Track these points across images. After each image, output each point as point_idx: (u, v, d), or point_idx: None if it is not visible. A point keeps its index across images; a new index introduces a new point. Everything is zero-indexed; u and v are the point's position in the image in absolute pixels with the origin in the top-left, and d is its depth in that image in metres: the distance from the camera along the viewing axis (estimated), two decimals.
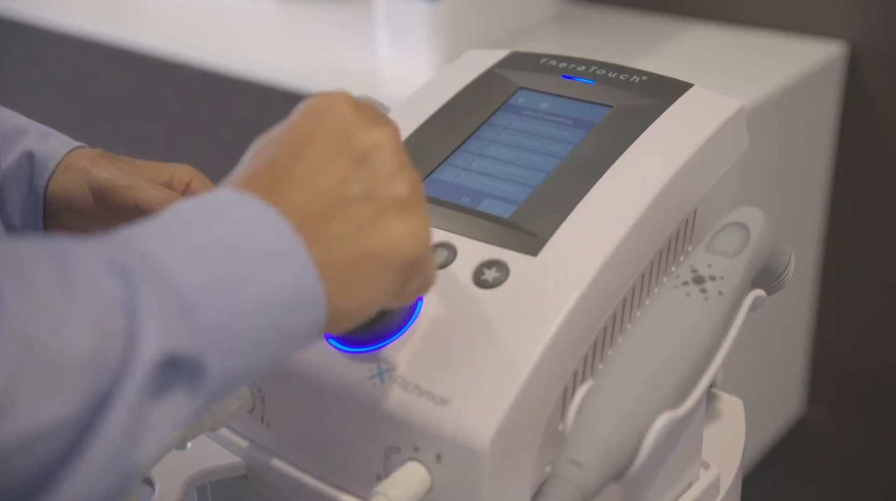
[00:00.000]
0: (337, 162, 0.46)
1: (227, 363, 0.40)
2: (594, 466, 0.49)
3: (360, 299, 0.46)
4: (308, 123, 0.47)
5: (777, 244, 0.58)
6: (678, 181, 0.60)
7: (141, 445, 0.37)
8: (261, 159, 0.47)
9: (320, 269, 0.43)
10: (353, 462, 0.56)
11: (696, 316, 0.53)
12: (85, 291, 0.37)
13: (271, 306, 0.41)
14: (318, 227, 0.44)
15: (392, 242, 0.46)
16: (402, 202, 0.47)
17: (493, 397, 0.52)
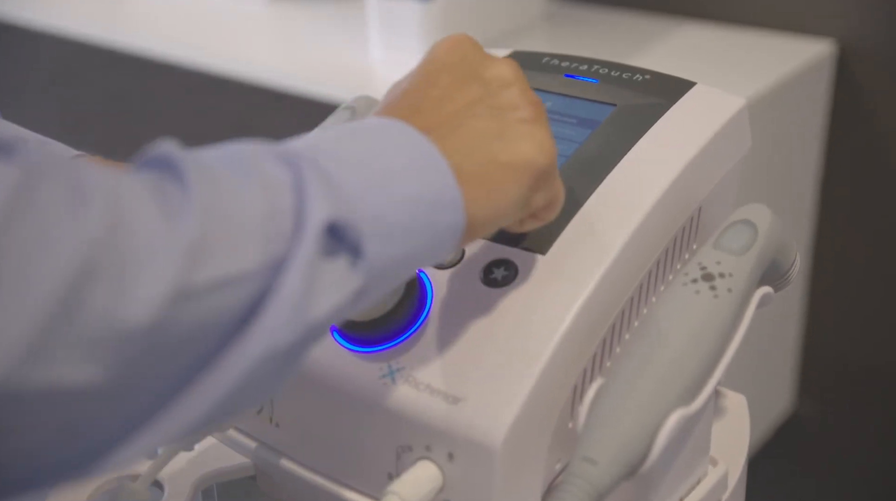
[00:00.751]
0: (465, 89, 0.52)
1: (382, 248, 0.45)
2: (609, 463, 0.49)
3: (494, 205, 0.49)
4: (437, 58, 0.54)
5: (784, 241, 0.58)
6: (684, 179, 0.60)
7: (316, 302, 0.42)
8: (395, 93, 0.53)
9: (455, 172, 0.48)
10: (363, 462, 0.56)
11: (706, 313, 0.53)
12: (257, 174, 0.42)
13: (418, 202, 0.46)
14: (450, 140, 0.49)
15: (520, 151, 0.50)
16: (527, 119, 0.52)
17: (505, 395, 0.52)
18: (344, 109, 0.73)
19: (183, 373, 0.40)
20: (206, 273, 0.39)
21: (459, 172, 0.48)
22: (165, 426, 0.39)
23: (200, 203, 0.40)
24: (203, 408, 0.40)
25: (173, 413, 0.39)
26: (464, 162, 0.49)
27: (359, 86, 1.37)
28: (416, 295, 0.56)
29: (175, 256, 0.38)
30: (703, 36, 1.47)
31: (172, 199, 0.40)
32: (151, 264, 0.38)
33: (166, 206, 0.39)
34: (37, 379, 0.35)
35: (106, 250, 0.37)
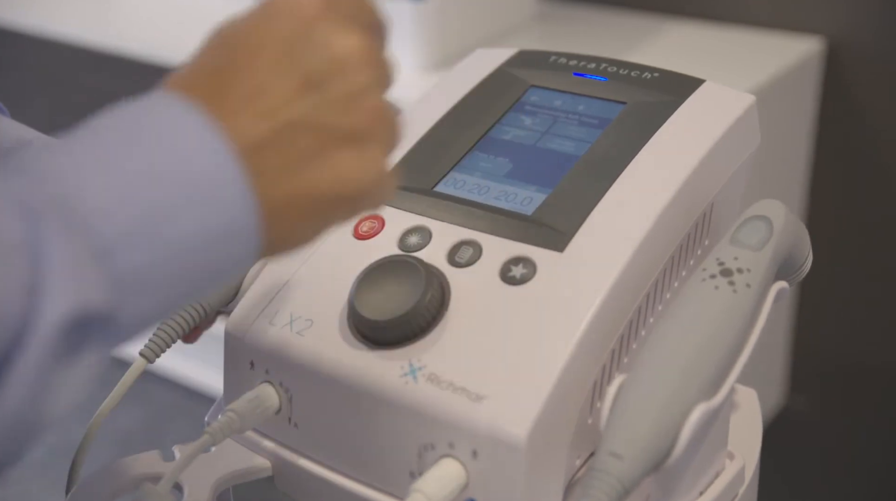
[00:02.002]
0: (290, 78, 0.41)
1: (142, 307, 0.37)
2: (634, 458, 0.49)
3: (299, 233, 0.42)
4: (267, 23, 0.42)
5: (798, 236, 0.59)
6: (697, 176, 0.60)
7: (46, 406, 0.35)
8: (209, 58, 0.42)
9: (257, 201, 0.39)
10: (385, 460, 0.56)
11: (726, 308, 0.53)
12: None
13: (200, 241, 0.38)
14: (259, 155, 0.40)
15: (339, 179, 0.42)
16: (357, 134, 0.42)
17: (528, 392, 0.52)
18: None
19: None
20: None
21: (262, 197, 0.40)
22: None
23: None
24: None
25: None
26: (270, 189, 0.40)
27: None
28: (436, 293, 0.56)
29: None
30: (692, 34, 1.48)
31: None
32: None
33: None
34: None
35: None
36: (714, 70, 1.37)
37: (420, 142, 0.66)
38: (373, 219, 0.62)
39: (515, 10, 1.50)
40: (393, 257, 0.58)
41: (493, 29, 1.45)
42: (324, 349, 0.57)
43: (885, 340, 1.54)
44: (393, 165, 0.44)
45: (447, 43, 1.39)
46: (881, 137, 1.43)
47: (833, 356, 1.58)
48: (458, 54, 1.40)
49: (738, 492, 0.60)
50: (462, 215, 0.60)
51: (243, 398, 0.58)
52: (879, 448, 1.59)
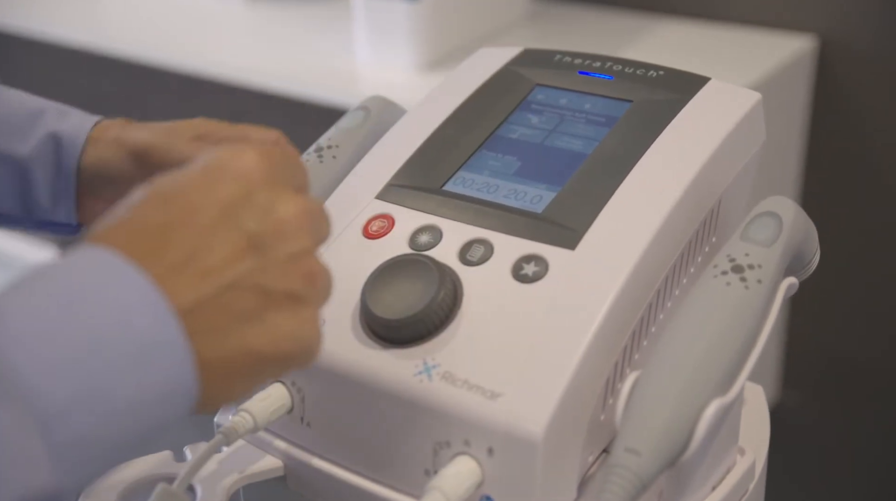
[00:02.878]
0: (230, 240, 0.42)
1: (82, 475, 0.38)
2: (651, 453, 0.49)
3: (234, 389, 0.43)
4: (207, 185, 0.42)
5: (807, 232, 0.59)
6: (706, 173, 0.61)
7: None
8: (149, 215, 0.42)
9: (196, 362, 0.40)
10: (399, 459, 0.56)
11: (738, 304, 0.54)
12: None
13: (140, 404, 0.39)
14: (198, 316, 0.40)
15: (276, 340, 0.43)
16: (294, 295, 0.43)
17: (544, 389, 0.53)
18: (357, 111, 0.73)
19: None
20: None
21: (201, 358, 0.40)
22: None
23: None
24: None
25: None
26: (210, 347, 0.41)
27: (345, 86, 1.37)
28: (449, 292, 0.56)
29: None
30: (685, 33, 1.48)
31: None
32: None
33: None
34: None
35: None
36: (707, 68, 1.36)
37: (427, 141, 0.66)
38: (383, 218, 0.62)
39: (509, 9, 1.50)
40: (405, 255, 0.58)
41: (487, 28, 1.45)
42: (337, 349, 0.57)
43: (876, 336, 1.55)
44: (322, 323, 0.46)
45: (442, 43, 1.39)
46: (874, 133, 1.44)
47: (826, 354, 1.59)
48: (452, 54, 1.41)
49: (749, 488, 0.60)
50: (472, 213, 0.61)
51: (255, 398, 0.58)
52: (871, 443, 1.60)
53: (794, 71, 1.42)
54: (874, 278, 1.52)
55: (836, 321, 1.57)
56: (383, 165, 0.66)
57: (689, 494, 0.55)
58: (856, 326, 1.56)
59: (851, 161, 1.47)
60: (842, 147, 1.47)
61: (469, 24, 1.42)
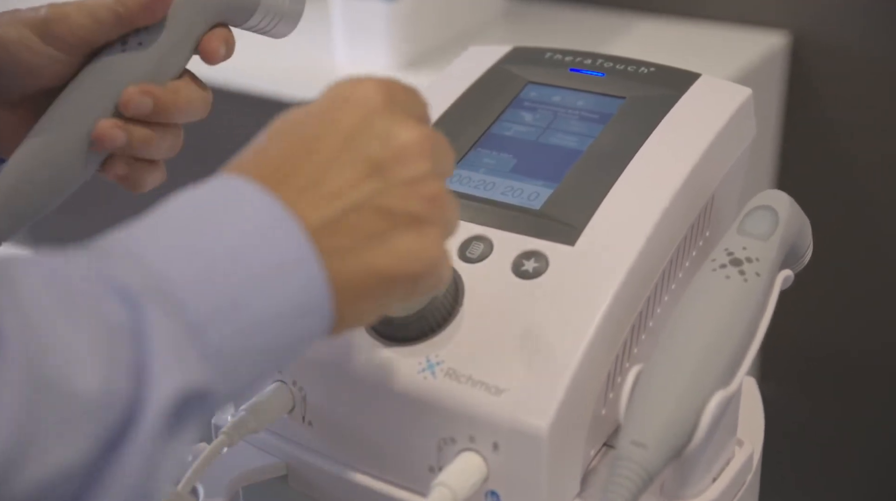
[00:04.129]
0: (352, 165, 0.43)
1: (233, 383, 0.39)
2: (657, 446, 0.50)
3: (364, 310, 0.45)
4: (329, 115, 0.44)
5: (801, 225, 0.60)
6: (700, 168, 0.61)
7: (153, 483, 0.35)
8: (274, 145, 0.44)
9: (328, 279, 0.42)
10: (403, 456, 0.56)
11: (738, 297, 0.54)
12: (89, 322, 0.35)
13: (278, 318, 0.40)
14: (326, 236, 0.42)
15: (402, 259, 0.44)
16: (417, 217, 0.45)
17: (548, 384, 0.53)
18: None
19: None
20: (22, 485, 0.32)
21: (332, 277, 0.42)
22: None
23: (19, 379, 0.32)
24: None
25: None
26: (338, 264, 0.42)
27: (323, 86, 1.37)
28: (451, 289, 0.56)
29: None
30: (660, 30, 1.49)
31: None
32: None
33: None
34: None
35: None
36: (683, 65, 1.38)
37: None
38: None
39: (485, 8, 1.51)
40: None
41: (464, 28, 1.46)
42: (338, 347, 0.57)
43: (851, 327, 1.57)
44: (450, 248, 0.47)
45: (419, 42, 1.39)
46: (847, 128, 1.46)
47: (800, 345, 1.61)
48: (430, 53, 1.41)
49: (747, 479, 0.61)
50: (470, 210, 0.61)
51: (256, 398, 0.58)
52: (847, 435, 1.62)
53: (768, 67, 1.43)
54: (847, 270, 1.54)
55: (811, 315, 1.59)
56: None
57: (690, 486, 0.56)
58: (831, 320, 1.58)
59: (825, 156, 1.49)
60: (816, 142, 1.49)
61: (446, 24, 1.42)
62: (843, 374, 1.59)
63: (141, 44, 0.59)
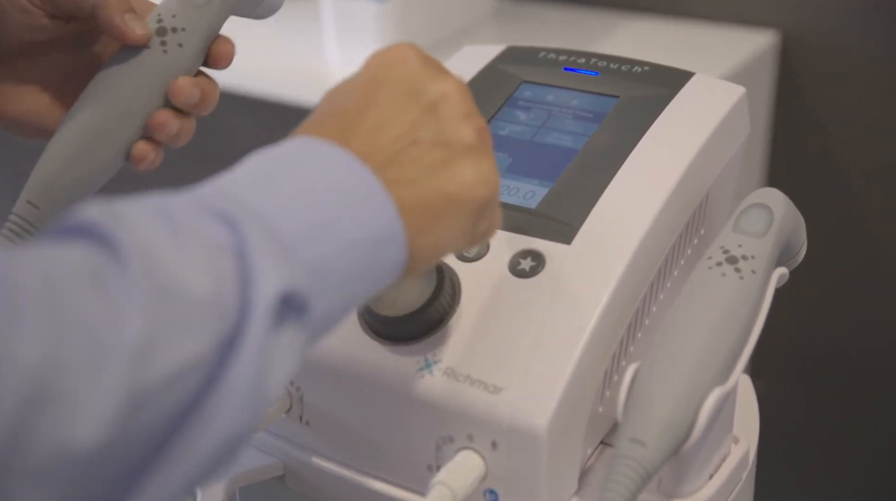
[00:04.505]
0: (406, 110, 0.48)
1: (325, 300, 0.42)
2: (656, 443, 0.50)
3: (436, 238, 0.47)
4: (377, 73, 0.49)
5: (795, 223, 0.60)
6: (695, 167, 0.62)
7: (269, 377, 0.39)
8: (332, 108, 0.49)
9: (398, 208, 0.45)
10: (402, 455, 0.57)
11: (734, 294, 0.55)
12: (195, 241, 0.39)
13: (359, 244, 0.44)
14: (391, 170, 0.46)
15: (463, 182, 0.48)
16: (471, 147, 0.49)
17: (546, 382, 0.53)
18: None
19: (134, 475, 0.37)
20: (156, 371, 0.36)
21: (401, 205, 0.45)
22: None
23: (143, 286, 0.37)
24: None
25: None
26: (405, 194, 0.46)
27: (315, 86, 1.37)
28: (449, 288, 0.56)
29: (124, 361, 0.35)
30: (649, 30, 1.50)
31: (112, 287, 0.36)
32: (99, 377, 0.35)
33: (107, 298, 0.36)
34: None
35: (49, 371, 0.34)
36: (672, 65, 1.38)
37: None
38: None
39: (473, 7, 1.51)
40: None
41: (454, 27, 1.46)
42: (336, 347, 0.57)
43: (838, 325, 1.57)
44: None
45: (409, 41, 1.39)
46: (836, 127, 1.47)
47: (791, 343, 1.62)
48: None
49: (743, 476, 0.61)
50: None
51: None
52: (836, 432, 1.62)
53: (758, 66, 1.44)
54: (835, 269, 1.55)
55: (801, 312, 1.59)
56: None
57: (688, 483, 0.56)
58: (820, 317, 1.59)
59: (814, 154, 1.50)
60: (805, 141, 1.50)
61: (436, 23, 1.42)
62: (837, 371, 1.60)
63: (181, 45, 0.62)
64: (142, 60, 0.61)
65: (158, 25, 0.62)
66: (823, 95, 1.46)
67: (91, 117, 0.61)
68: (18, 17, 0.61)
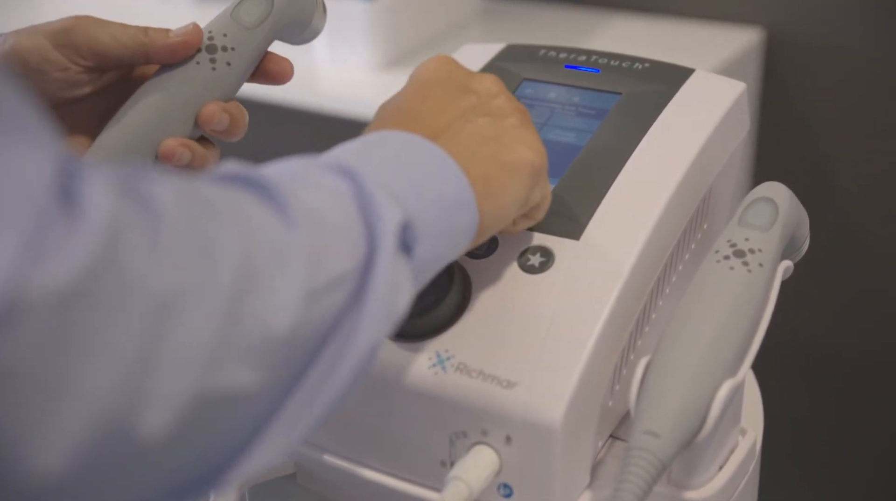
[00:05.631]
0: (458, 100, 0.55)
1: (424, 249, 0.48)
2: (670, 434, 0.51)
3: (500, 203, 0.52)
4: (424, 77, 0.56)
5: (799, 216, 0.61)
6: (699, 162, 0.62)
7: (399, 296, 0.45)
8: (389, 112, 0.55)
9: (465, 174, 0.50)
10: (415, 452, 0.57)
11: (743, 287, 0.55)
12: (323, 187, 0.45)
13: (444, 203, 0.49)
14: (454, 146, 0.52)
15: (517, 151, 0.53)
16: (518, 124, 0.55)
17: (559, 377, 0.54)
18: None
19: (305, 372, 0.42)
20: (323, 275, 0.42)
21: (468, 174, 0.51)
22: (294, 428, 0.42)
23: (299, 214, 0.43)
24: (323, 407, 0.42)
25: (299, 415, 0.42)
26: (469, 164, 0.51)
27: (304, 85, 1.37)
28: (459, 284, 0.57)
29: (301, 262, 0.42)
30: (635, 27, 1.50)
31: (280, 211, 0.43)
32: (286, 272, 0.41)
33: (280, 217, 0.42)
34: (218, 385, 0.38)
35: (250, 261, 0.40)
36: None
37: None
38: None
39: (462, 7, 1.51)
40: None
41: (442, 27, 1.46)
42: None
43: (823, 322, 1.59)
44: None
45: (398, 41, 1.39)
46: (821, 124, 1.48)
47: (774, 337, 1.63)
48: (410, 52, 1.41)
49: (750, 467, 0.62)
50: None
51: None
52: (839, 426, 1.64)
53: (743, 63, 1.45)
54: (822, 264, 1.56)
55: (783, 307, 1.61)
56: None
57: (699, 474, 0.56)
58: (801, 311, 1.60)
59: (799, 151, 1.51)
60: (790, 137, 1.51)
61: (425, 23, 1.43)
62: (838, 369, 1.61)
63: (229, 64, 0.63)
64: (190, 74, 0.62)
65: (209, 42, 0.63)
66: (809, 91, 1.47)
67: (133, 124, 0.61)
68: (58, 76, 0.62)
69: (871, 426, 1.61)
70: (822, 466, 1.65)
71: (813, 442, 1.65)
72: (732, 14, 1.48)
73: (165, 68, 0.62)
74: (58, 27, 0.62)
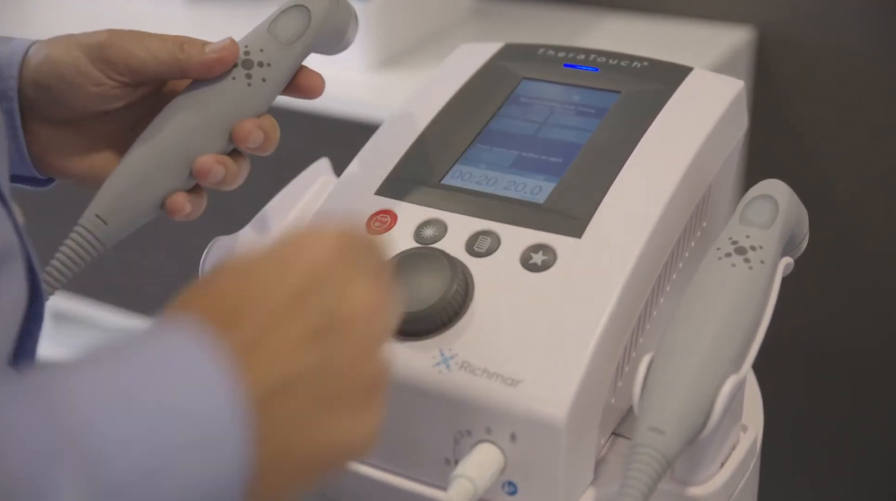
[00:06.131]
0: (300, 326, 0.41)
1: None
2: (675, 431, 0.51)
3: (287, 490, 0.41)
4: (282, 267, 0.42)
5: (799, 213, 0.61)
6: (699, 160, 0.63)
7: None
8: (228, 287, 0.42)
9: (258, 451, 0.39)
10: (419, 449, 0.57)
11: (745, 284, 0.55)
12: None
13: (190, 495, 0.37)
14: (267, 412, 0.39)
15: (342, 434, 0.42)
16: (364, 390, 0.43)
17: (563, 374, 0.54)
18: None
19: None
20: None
21: (264, 447, 0.39)
22: None
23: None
24: None
25: None
26: (270, 444, 0.39)
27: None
28: (462, 283, 0.57)
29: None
30: (627, 27, 1.51)
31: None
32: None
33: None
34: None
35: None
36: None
37: (420, 137, 0.67)
38: (383, 214, 0.63)
39: (454, 7, 1.51)
40: (416, 249, 0.59)
41: (435, 27, 1.46)
42: None
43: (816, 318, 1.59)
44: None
45: (392, 41, 1.39)
46: (812, 123, 1.49)
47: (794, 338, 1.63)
48: (402, 52, 1.41)
49: (752, 464, 0.62)
50: (475, 205, 0.61)
51: None
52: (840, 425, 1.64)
53: (734, 63, 1.45)
54: (812, 263, 1.57)
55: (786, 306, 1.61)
56: (378, 163, 0.66)
57: (701, 470, 0.57)
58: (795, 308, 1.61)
59: (792, 150, 1.52)
60: (782, 136, 1.51)
61: (418, 23, 1.43)
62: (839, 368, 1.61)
63: (265, 80, 0.62)
64: (225, 90, 0.61)
65: (245, 58, 0.62)
66: (801, 90, 1.48)
67: (168, 138, 0.60)
68: (92, 90, 0.62)
69: (871, 424, 1.61)
70: (821, 464, 1.66)
71: (813, 440, 1.66)
72: (724, 13, 1.49)
73: (199, 82, 0.62)
74: (94, 41, 0.61)
